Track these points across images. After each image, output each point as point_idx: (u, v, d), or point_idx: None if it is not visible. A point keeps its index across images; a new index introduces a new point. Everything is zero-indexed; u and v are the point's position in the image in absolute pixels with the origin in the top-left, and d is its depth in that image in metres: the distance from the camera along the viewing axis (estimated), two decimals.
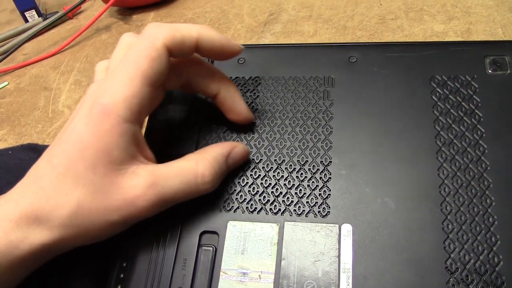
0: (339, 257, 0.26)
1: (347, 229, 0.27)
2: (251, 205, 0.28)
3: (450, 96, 0.29)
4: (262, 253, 0.27)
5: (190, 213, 0.28)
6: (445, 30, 0.48)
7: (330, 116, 0.30)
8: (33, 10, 0.75)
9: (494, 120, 0.28)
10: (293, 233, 0.27)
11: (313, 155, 0.29)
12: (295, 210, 0.28)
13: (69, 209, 0.24)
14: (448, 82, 0.30)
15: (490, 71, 0.30)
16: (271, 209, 0.28)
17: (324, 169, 0.29)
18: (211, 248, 0.27)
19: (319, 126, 0.30)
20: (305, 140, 0.30)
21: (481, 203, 0.26)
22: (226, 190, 0.29)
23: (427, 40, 0.48)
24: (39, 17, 0.75)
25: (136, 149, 0.26)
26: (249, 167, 0.30)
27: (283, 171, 0.29)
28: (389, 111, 0.30)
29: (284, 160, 0.30)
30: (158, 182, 0.26)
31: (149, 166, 0.26)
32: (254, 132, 0.31)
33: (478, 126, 0.28)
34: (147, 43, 0.26)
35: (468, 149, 0.28)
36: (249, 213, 0.28)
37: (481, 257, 0.25)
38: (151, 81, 0.26)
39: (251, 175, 0.29)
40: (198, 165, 0.27)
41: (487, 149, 0.27)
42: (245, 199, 0.29)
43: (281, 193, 0.28)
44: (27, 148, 0.40)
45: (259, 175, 0.29)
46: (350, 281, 0.25)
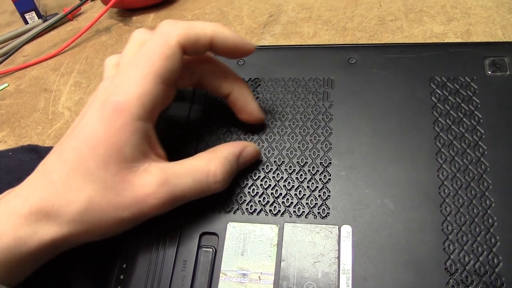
0: (338, 258, 0.26)
1: (346, 230, 0.27)
2: (251, 206, 0.28)
3: (449, 97, 0.29)
4: (261, 254, 0.27)
5: (190, 214, 0.28)
6: (444, 31, 0.48)
7: (329, 117, 0.30)
8: (33, 12, 0.75)
9: (493, 121, 0.28)
10: (293, 234, 0.27)
11: (312, 156, 0.29)
12: (294, 211, 0.28)
13: (80, 205, 0.24)
14: (448, 83, 0.30)
15: (489, 72, 0.30)
16: (270, 210, 0.28)
17: (324, 170, 0.29)
18: (211, 249, 0.27)
19: (319, 127, 0.30)
20: (305, 141, 0.30)
21: (480, 204, 0.26)
22: (226, 191, 0.29)
23: (426, 41, 0.48)
24: (39, 18, 0.75)
25: (148, 147, 0.26)
26: (249, 168, 0.30)
27: (283, 172, 0.29)
28: (388, 112, 0.30)
29: (284, 161, 0.30)
30: (169, 180, 0.26)
31: (161, 164, 0.26)
32: (253, 134, 0.31)
33: (477, 127, 0.28)
34: (161, 40, 0.26)
35: (468, 150, 0.28)
36: (248, 214, 0.28)
37: (480, 258, 0.25)
38: (164, 79, 0.26)
39: (250, 176, 0.29)
40: (210, 164, 0.27)
41: (487, 150, 0.27)
42: (244, 200, 0.29)
43: (280, 194, 0.28)
44: (27, 150, 0.40)
45: (259, 176, 0.29)
46: (350, 282, 0.25)
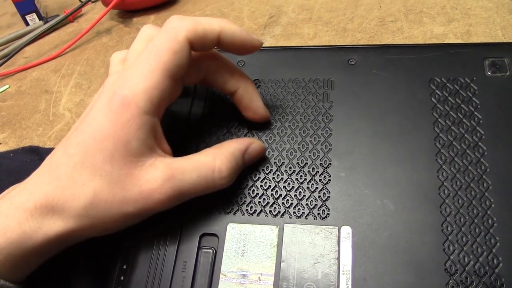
0: (338, 259, 0.26)
1: (346, 231, 0.27)
2: (251, 207, 0.28)
3: (449, 98, 0.29)
4: (261, 255, 0.27)
5: (190, 215, 0.28)
6: (444, 32, 0.48)
7: (329, 118, 0.30)
8: (34, 14, 0.75)
9: (493, 122, 0.28)
10: (293, 235, 0.27)
11: (312, 157, 0.29)
12: (294, 212, 0.28)
13: (85, 199, 0.24)
14: (448, 84, 0.30)
15: (489, 73, 0.30)
16: (270, 211, 0.28)
17: (324, 171, 0.29)
18: (211, 250, 0.27)
19: (319, 128, 0.30)
20: (305, 142, 0.30)
21: (480, 205, 0.26)
22: (226, 192, 0.29)
23: (426, 42, 0.48)
24: (39, 20, 0.75)
25: (154, 141, 0.26)
26: (248, 169, 0.30)
27: (283, 173, 0.29)
28: (388, 113, 0.30)
29: (284, 162, 0.30)
30: (175, 176, 0.26)
31: (166, 159, 0.26)
32: (253, 135, 0.31)
33: (477, 128, 0.28)
34: (169, 35, 0.26)
35: (468, 151, 0.28)
36: (248, 215, 0.28)
37: (480, 259, 0.25)
38: (172, 73, 0.26)
39: (250, 177, 0.29)
40: (216, 160, 0.27)
41: (487, 151, 0.27)
42: (244, 201, 0.29)
43: (280, 195, 0.29)
44: (28, 151, 0.40)
45: (259, 177, 0.29)
46: (350, 283, 0.25)
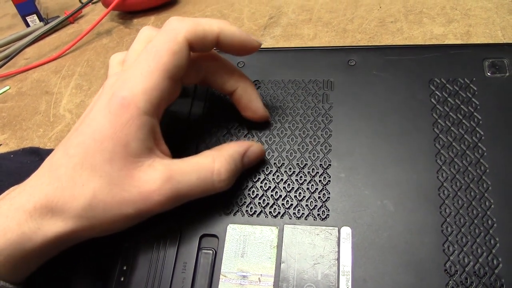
0: (338, 260, 0.26)
1: (346, 232, 0.27)
2: (251, 208, 0.28)
3: (449, 99, 0.29)
4: (261, 256, 0.27)
5: (190, 216, 0.29)
6: (444, 33, 0.48)
7: (329, 119, 0.30)
8: (35, 15, 0.75)
9: (493, 123, 0.28)
10: (293, 236, 0.27)
11: (312, 158, 0.29)
12: (294, 213, 0.28)
13: (85, 200, 0.24)
14: (447, 85, 0.30)
15: (489, 74, 0.30)
16: (270, 212, 0.28)
17: (324, 172, 0.29)
18: (211, 251, 0.27)
19: (319, 129, 0.30)
20: (305, 143, 0.30)
21: (480, 205, 0.26)
22: (226, 193, 0.29)
23: (426, 43, 0.48)
24: (40, 21, 0.75)
25: (153, 142, 0.26)
26: (248, 170, 0.30)
27: (283, 174, 0.29)
28: (388, 114, 0.30)
29: (284, 163, 0.30)
30: (174, 177, 0.26)
31: (165, 160, 0.26)
32: (253, 135, 0.31)
33: (477, 128, 0.28)
34: (168, 36, 0.26)
35: (467, 151, 0.28)
36: (248, 216, 0.28)
37: (480, 260, 0.25)
38: (171, 74, 0.26)
39: (250, 178, 0.29)
40: (215, 162, 0.27)
41: (486, 151, 0.27)
42: (244, 202, 0.29)
43: (280, 196, 0.29)
44: (28, 152, 0.40)
45: (259, 178, 0.29)
46: (350, 284, 0.25)
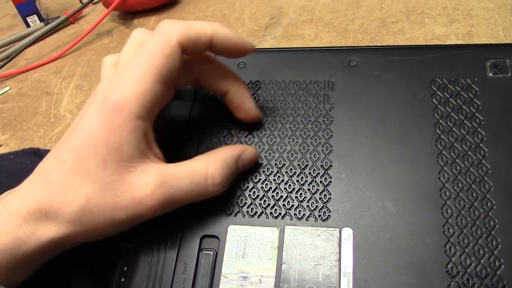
0: (339, 261, 0.26)
1: (347, 233, 0.27)
2: (252, 209, 0.28)
3: (450, 100, 0.29)
4: (262, 257, 0.27)
5: (190, 217, 0.28)
6: (446, 33, 0.48)
7: (330, 120, 0.30)
8: (35, 15, 0.75)
9: (494, 124, 0.28)
10: (294, 237, 0.27)
11: (313, 159, 0.29)
12: (295, 214, 0.28)
13: (78, 205, 0.24)
14: (449, 86, 0.30)
15: (490, 74, 0.30)
16: (271, 213, 0.28)
17: (325, 173, 0.29)
18: (211, 252, 0.27)
19: (320, 129, 0.30)
20: (306, 144, 0.30)
21: (482, 206, 0.26)
22: (227, 194, 0.29)
23: (428, 43, 0.48)
24: (40, 22, 0.75)
25: (146, 146, 0.26)
26: (249, 171, 0.30)
27: (284, 175, 0.29)
28: (389, 114, 0.30)
29: (285, 164, 0.29)
30: (167, 182, 0.25)
31: (159, 165, 0.26)
32: (254, 136, 0.31)
33: (478, 129, 0.28)
34: (161, 39, 0.26)
35: (469, 152, 0.27)
36: (249, 217, 0.28)
37: (482, 261, 0.25)
38: (164, 78, 0.26)
39: (251, 179, 0.29)
40: (209, 167, 0.27)
41: (488, 152, 0.27)
42: (245, 203, 0.29)
43: (281, 197, 0.28)
44: (28, 153, 0.40)
45: (260, 179, 0.29)
46: (351, 285, 0.25)
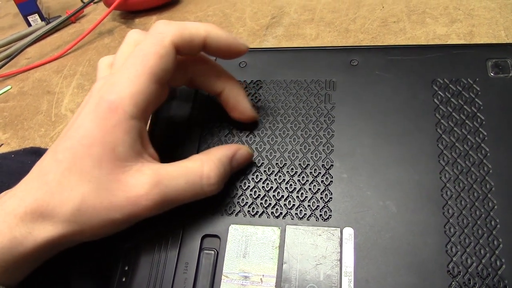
0: (340, 260, 0.26)
1: (348, 232, 0.27)
2: (253, 208, 0.28)
3: (452, 99, 0.29)
4: (263, 257, 0.27)
5: (191, 216, 0.28)
6: (447, 33, 0.48)
7: (331, 120, 0.30)
8: (36, 15, 0.75)
9: (496, 123, 0.28)
10: (295, 236, 0.27)
11: (314, 158, 0.29)
12: (296, 213, 0.28)
13: (73, 205, 0.24)
14: (450, 85, 0.30)
15: (492, 74, 0.30)
16: (272, 212, 0.28)
17: (326, 172, 0.29)
18: (212, 252, 0.27)
19: (321, 129, 0.30)
20: (307, 144, 0.30)
21: (483, 206, 0.26)
22: (228, 193, 0.29)
23: (429, 43, 0.48)
24: (42, 21, 0.75)
25: (141, 146, 0.26)
26: (250, 170, 0.30)
27: (285, 175, 0.29)
28: (390, 114, 0.30)
29: (286, 163, 0.29)
30: (162, 182, 0.25)
31: (153, 164, 0.26)
32: (255, 136, 0.31)
33: (480, 129, 0.28)
34: (155, 40, 0.26)
35: (470, 152, 0.27)
36: (250, 216, 0.28)
37: (483, 261, 0.25)
38: (158, 78, 0.26)
39: (252, 178, 0.29)
40: (204, 166, 0.27)
41: (489, 152, 0.27)
42: (246, 202, 0.29)
43: (282, 196, 0.28)
44: (29, 152, 0.40)
45: (261, 178, 0.29)
46: (352, 284, 0.25)
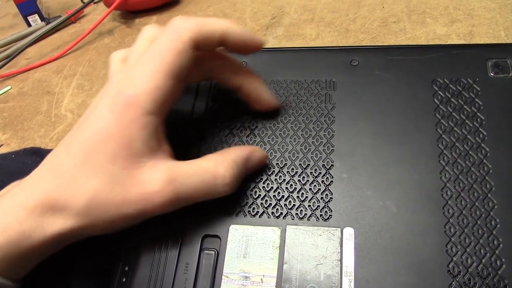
0: (341, 260, 0.26)
1: (349, 232, 0.27)
2: (253, 208, 0.28)
3: (452, 99, 0.29)
4: (264, 257, 0.27)
5: (192, 217, 0.28)
6: (447, 33, 0.48)
7: (332, 120, 0.30)
8: (36, 15, 0.75)
9: (496, 123, 0.28)
10: (295, 236, 0.27)
11: (315, 158, 0.29)
12: (297, 213, 0.28)
13: (86, 199, 0.24)
14: (450, 85, 0.30)
15: (492, 74, 0.30)
16: (273, 212, 0.28)
17: (326, 172, 0.29)
18: (213, 252, 0.27)
19: (321, 129, 0.30)
20: (307, 144, 0.30)
21: (483, 206, 0.26)
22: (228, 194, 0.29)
23: (429, 43, 0.48)
24: (42, 21, 0.75)
25: (156, 143, 0.26)
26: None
27: (285, 175, 0.29)
28: (391, 114, 0.30)
29: (286, 163, 0.29)
30: (176, 179, 0.25)
31: (168, 162, 0.26)
32: (255, 136, 0.31)
33: (480, 129, 0.28)
34: (173, 36, 0.26)
35: (470, 152, 0.27)
36: (251, 216, 0.28)
37: (483, 260, 0.25)
38: (176, 74, 0.26)
39: (253, 178, 0.29)
40: (218, 166, 0.27)
41: (489, 152, 0.27)
42: (247, 202, 0.29)
43: (283, 196, 0.28)
44: (30, 152, 0.40)
45: (261, 178, 0.29)
46: (352, 284, 0.25)
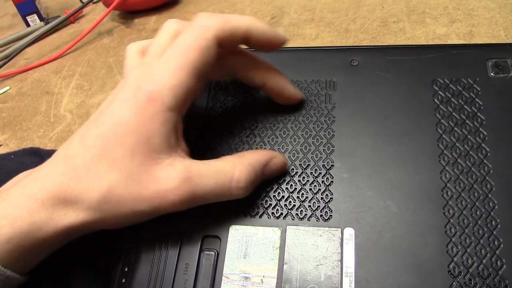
0: (341, 261, 0.26)
1: (349, 233, 0.26)
2: (253, 209, 0.28)
3: (452, 99, 0.29)
4: (264, 258, 0.27)
5: (192, 217, 0.28)
6: (447, 33, 0.48)
7: (332, 120, 0.30)
8: (35, 15, 0.75)
9: (496, 123, 0.28)
10: (295, 237, 0.27)
11: (315, 158, 0.29)
12: (297, 214, 0.28)
13: (100, 193, 0.24)
14: (450, 85, 0.30)
15: (492, 74, 0.30)
16: (273, 213, 0.28)
17: (326, 172, 0.29)
18: (213, 253, 0.27)
19: (321, 129, 0.30)
20: (307, 144, 0.30)
21: (484, 206, 0.26)
22: None
23: (429, 43, 0.48)
24: (40, 21, 0.75)
25: (175, 140, 0.26)
26: None
27: (285, 175, 0.29)
28: (391, 114, 0.30)
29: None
30: (192, 178, 0.25)
31: (185, 160, 0.26)
32: (255, 136, 0.31)
33: (480, 129, 0.28)
34: (198, 33, 0.26)
35: (471, 152, 0.27)
36: (251, 217, 0.28)
37: (484, 261, 0.24)
38: (199, 71, 0.26)
39: None
40: (235, 169, 0.26)
41: (490, 152, 0.27)
42: (247, 203, 0.28)
43: (283, 197, 0.28)
44: (29, 153, 0.40)
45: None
46: (353, 285, 0.25)
